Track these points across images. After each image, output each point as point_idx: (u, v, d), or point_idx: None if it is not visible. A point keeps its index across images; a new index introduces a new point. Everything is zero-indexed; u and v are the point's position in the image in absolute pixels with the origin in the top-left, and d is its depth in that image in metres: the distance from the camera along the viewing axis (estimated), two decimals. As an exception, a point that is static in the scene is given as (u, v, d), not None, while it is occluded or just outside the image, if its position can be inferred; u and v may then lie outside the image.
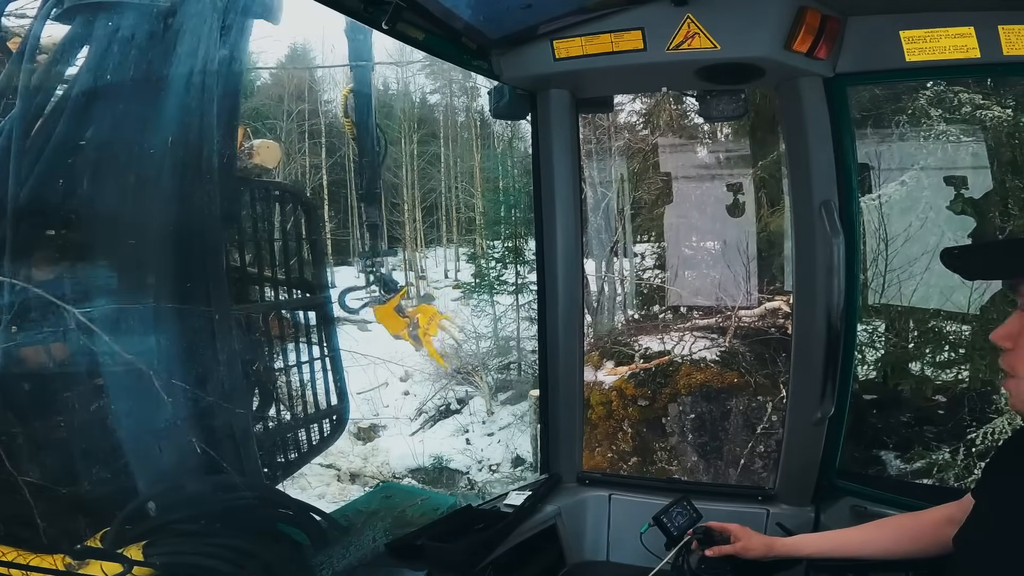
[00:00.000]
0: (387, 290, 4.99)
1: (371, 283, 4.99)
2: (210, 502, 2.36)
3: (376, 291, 5.00)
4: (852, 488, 2.12)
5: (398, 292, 5.09)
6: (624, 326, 8.68)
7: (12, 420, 2.54)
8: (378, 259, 5.04)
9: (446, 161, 16.45)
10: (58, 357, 2.62)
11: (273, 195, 4.23)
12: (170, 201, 2.67)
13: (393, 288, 5.06)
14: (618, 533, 2.25)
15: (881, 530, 1.50)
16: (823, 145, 1.94)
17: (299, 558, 2.35)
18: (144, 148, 2.63)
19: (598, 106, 2.67)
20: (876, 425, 5.66)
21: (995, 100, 5.50)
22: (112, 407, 2.60)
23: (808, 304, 2.01)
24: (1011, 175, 5.38)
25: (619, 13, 1.89)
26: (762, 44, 1.81)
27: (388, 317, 5.00)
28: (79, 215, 2.75)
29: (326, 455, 8.49)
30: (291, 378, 4.23)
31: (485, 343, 12.43)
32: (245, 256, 3.94)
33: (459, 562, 1.82)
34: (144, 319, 2.62)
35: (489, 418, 11.22)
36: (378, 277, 5.03)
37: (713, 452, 6.59)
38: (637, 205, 9.02)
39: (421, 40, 1.82)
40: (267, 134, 12.20)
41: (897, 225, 5.85)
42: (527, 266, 12.17)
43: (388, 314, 4.97)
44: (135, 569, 1.85)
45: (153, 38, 2.68)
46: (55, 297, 2.61)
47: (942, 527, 1.28)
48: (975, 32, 1.71)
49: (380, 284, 4.95)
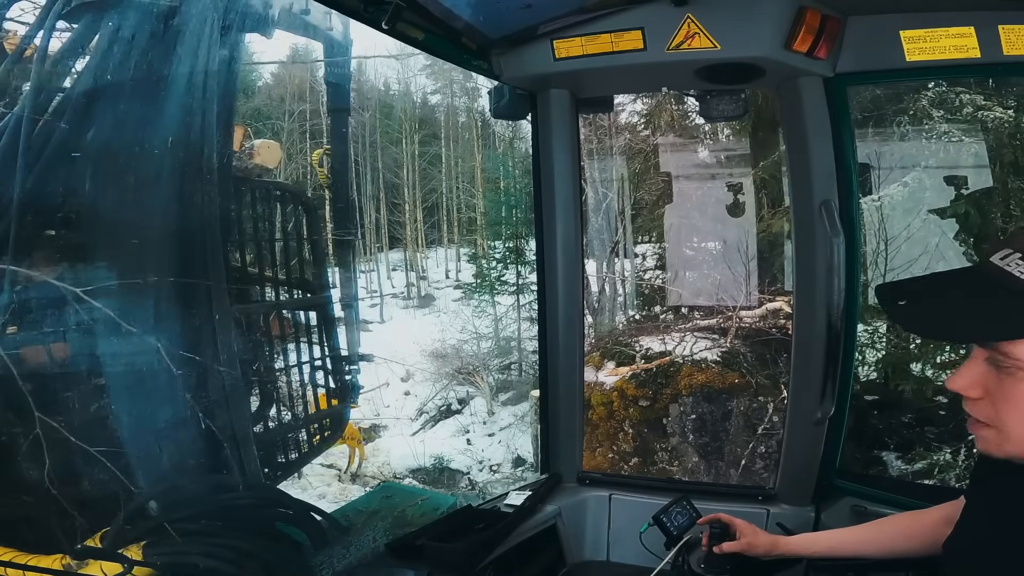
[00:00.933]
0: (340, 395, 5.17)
1: None
2: (210, 502, 2.37)
3: None
4: (852, 488, 2.12)
5: None
6: (625, 326, 8.68)
7: (12, 420, 2.54)
8: None
9: (447, 161, 16.45)
10: (58, 357, 2.62)
11: (274, 195, 4.24)
12: (170, 201, 2.67)
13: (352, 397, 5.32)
14: (618, 533, 2.25)
15: (880, 529, 1.50)
16: (823, 145, 1.94)
17: (299, 558, 2.35)
18: (145, 148, 2.64)
19: (598, 106, 2.66)
20: (876, 425, 5.66)
21: (996, 100, 5.49)
22: (112, 407, 2.60)
23: (808, 304, 2.00)
24: (1012, 175, 5.37)
25: (619, 13, 1.89)
26: (762, 44, 1.81)
27: None
28: (80, 215, 2.76)
29: (326, 455, 8.50)
30: (291, 378, 4.23)
31: (486, 343, 12.44)
32: (246, 256, 3.95)
33: (459, 562, 1.82)
34: (144, 319, 2.62)
35: (490, 418, 11.23)
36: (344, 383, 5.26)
37: (713, 452, 6.59)
38: (638, 205, 9.02)
39: (421, 40, 1.82)
40: (268, 134, 12.21)
41: (897, 225, 5.85)
42: (528, 266, 12.17)
43: None
44: (135, 569, 1.85)
45: (154, 38, 2.68)
46: (56, 296, 2.61)
47: (940, 527, 1.27)
48: (975, 32, 1.71)
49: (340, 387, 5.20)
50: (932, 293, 0.95)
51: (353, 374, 5.07)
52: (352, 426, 6.13)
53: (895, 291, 0.98)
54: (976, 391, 0.92)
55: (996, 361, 0.89)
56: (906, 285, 1.01)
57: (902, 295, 0.96)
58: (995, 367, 0.89)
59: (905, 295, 0.96)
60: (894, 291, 0.98)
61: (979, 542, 1.04)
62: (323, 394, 4.33)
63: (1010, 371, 0.87)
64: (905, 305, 0.95)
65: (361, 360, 5.54)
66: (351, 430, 6.10)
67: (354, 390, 4.35)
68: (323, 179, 5.56)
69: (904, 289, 0.99)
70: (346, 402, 4.48)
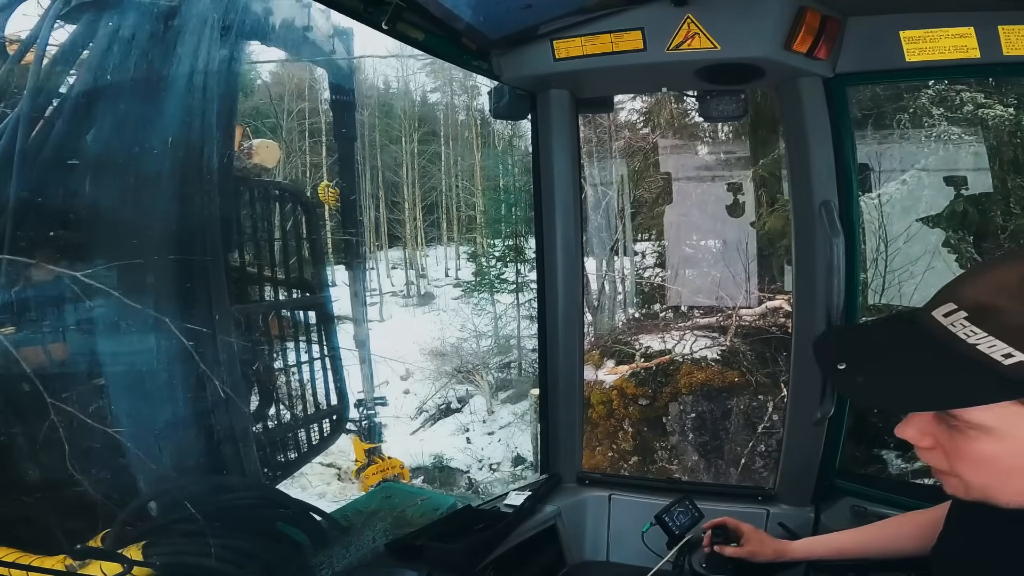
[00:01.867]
0: (371, 434, 6.16)
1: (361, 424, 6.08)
2: (210, 502, 2.36)
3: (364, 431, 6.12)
4: (852, 488, 2.12)
5: (378, 442, 6.29)
6: (624, 325, 8.69)
7: (12, 420, 2.54)
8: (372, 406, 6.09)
9: (446, 160, 16.45)
10: (58, 357, 2.62)
11: (273, 194, 4.24)
12: (170, 201, 2.67)
13: (377, 437, 6.26)
14: (618, 533, 2.25)
15: (883, 530, 1.50)
16: (823, 145, 1.94)
17: (299, 558, 2.35)
18: (144, 148, 2.63)
19: (598, 106, 2.66)
20: (876, 425, 5.66)
21: (996, 100, 5.49)
22: (112, 407, 2.60)
23: (808, 304, 2.00)
24: (1012, 174, 5.37)
25: (619, 13, 1.89)
26: (762, 44, 1.81)
27: (359, 449, 6.22)
28: (79, 214, 2.75)
29: (326, 454, 8.51)
30: (291, 378, 4.23)
31: (485, 342, 12.44)
32: (245, 256, 3.95)
33: (459, 562, 1.82)
34: (144, 319, 2.62)
35: (489, 417, 11.24)
36: (370, 424, 6.15)
37: (713, 452, 6.60)
38: (637, 204, 9.02)
39: (421, 40, 1.82)
40: (267, 133, 12.20)
41: (897, 225, 5.86)
42: (527, 265, 12.18)
43: (360, 448, 6.20)
44: (135, 569, 1.85)
45: (154, 38, 2.68)
46: (55, 296, 2.61)
47: (940, 525, 1.28)
48: (975, 32, 1.71)
49: (368, 427, 6.10)
50: (872, 356, 0.87)
51: (373, 416, 5.65)
52: (395, 459, 6.55)
53: (831, 347, 0.91)
54: (926, 441, 0.87)
55: (945, 420, 0.83)
56: (841, 342, 0.94)
57: (840, 354, 0.88)
58: (944, 424, 0.84)
59: (843, 355, 0.88)
60: (831, 348, 0.91)
61: (958, 554, 1.04)
62: (323, 393, 4.35)
63: (960, 429, 0.81)
64: (845, 371, 0.86)
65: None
66: (395, 461, 6.43)
67: (343, 396, 4.43)
68: (333, 203, 5.94)
69: (841, 347, 0.91)
70: (346, 401, 4.49)
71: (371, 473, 6.35)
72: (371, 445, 6.28)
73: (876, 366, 0.85)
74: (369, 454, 6.34)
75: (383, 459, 6.43)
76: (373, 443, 6.29)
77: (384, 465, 6.39)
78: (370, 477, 6.34)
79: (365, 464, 6.33)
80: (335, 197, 5.89)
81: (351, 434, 6.21)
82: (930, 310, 0.84)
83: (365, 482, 6.37)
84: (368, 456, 6.34)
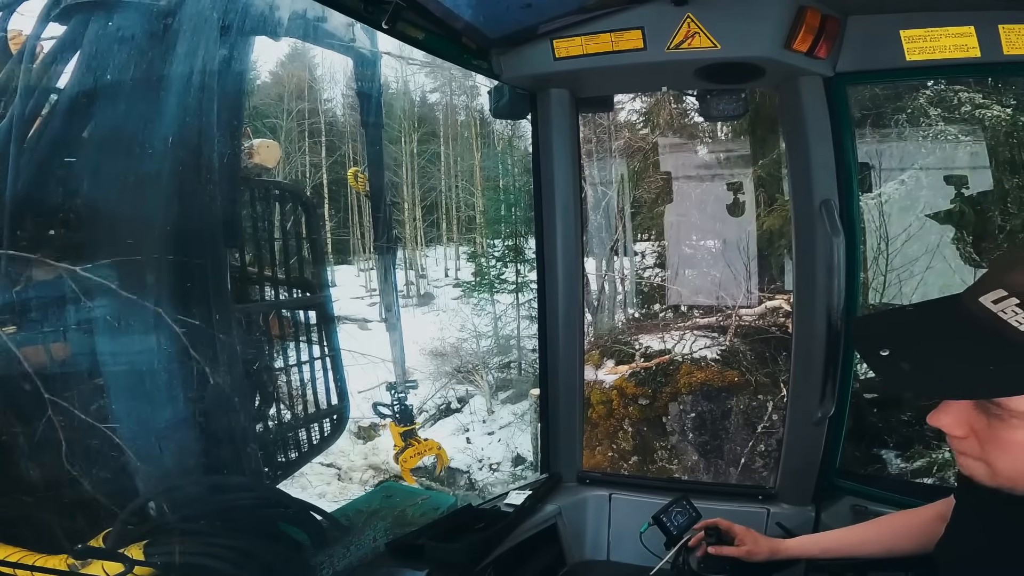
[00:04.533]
0: (404, 417, 6.24)
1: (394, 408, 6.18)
2: (211, 502, 2.36)
3: (396, 415, 6.21)
4: (852, 487, 2.12)
5: (412, 425, 6.39)
6: (624, 325, 8.69)
7: (12, 420, 2.54)
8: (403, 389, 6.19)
9: (446, 160, 16.44)
10: (58, 356, 2.62)
11: (273, 194, 4.23)
12: (170, 201, 2.67)
13: (409, 419, 6.34)
14: (618, 532, 2.26)
15: (877, 529, 1.51)
16: (823, 144, 1.94)
17: (300, 557, 2.35)
18: (144, 148, 2.63)
19: (598, 105, 2.66)
20: (876, 424, 5.67)
21: (995, 99, 5.50)
22: (113, 406, 2.60)
23: (808, 303, 2.01)
24: (1010, 174, 5.38)
25: (619, 13, 1.89)
26: (762, 44, 1.81)
27: (395, 433, 6.28)
28: (78, 214, 2.75)
29: (326, 454, 8.51)
30: (291, 377, 4.23)
31: (485, 342, 12.44)
32: (245, 255, 3.95)
33: (459, 562, 1.82)
34: (144, 318, 2.62)
35: (489, 417, 11.24)
36: (403, 407, 6.22)
37: (713, 451, 6.60)
38: (637, 204, 9.02)
39: (421, 40, 1.82)
40: (267, 133, 12.21)
41: (897, 224, 5.86)
42: (527, 265, 12.17)
43: (396, 432, 6.26)
44: (136, 569, 1.85)
45: (153, 38, 2.68)
46: (54, 296, 2.61)
47: (933, 524, 1.27)
48: (975, 31, 1.71)
49: (401, 411, 6.21)
50: (916, 342, 0.85)
51: (405, 399, 6.01)
52: (432, 440, 6.70)
53: (873, 332, 0.89)
54: (961, 430, 0.85)
55: (985, 407, 0.82)
56: (883, 327, 0.91)
57: (881, 339, 0.85)
58: (983, 412, 0.83)
59: (885, 340, 0.85)
60: (872, 332, 0.89)
61: (970, 546, 1.04)
62: (323, 392, 4.36)
63: (1001, 417, 0.81)
64: (889, 357, 0.83)
65: (361, 359, 5.99)
66: (431, 443, 6.55)
67: (344, 396, 4.43)
68: (363, 189, 6.02)
69: (882, 331, 0.89)
70: (346, 401, 4.49)
71: (409, 456, 6.34)
72: (406, 428, 6.28)
73: (922, 353, 0.83)
74: (406, 437, 6.31)
75: (419, 441, 6.46)
76: (408, 426, 6.31)
77: (422, 447, 6.43)
78: (409, 460, 6.35)
79: (403, 448, 6.31)
80: (364, 183, 5.95)
81: (387, 419, 6.31)
82: (976, 296, 0.82)
83: (404, 465, 6.39)
84: (405, 439, 6.31)
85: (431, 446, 6.51)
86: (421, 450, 6.37)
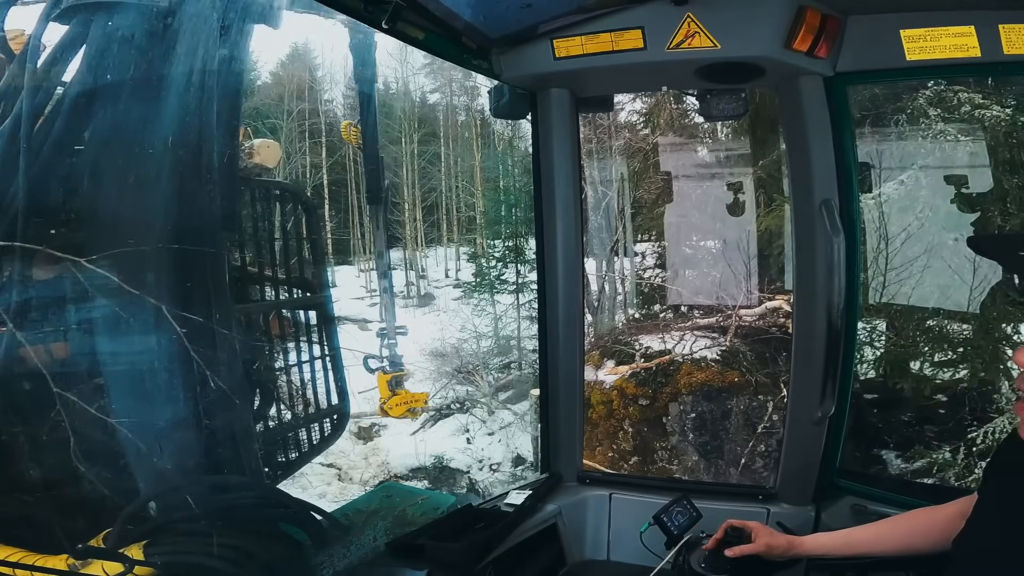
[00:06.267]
0: (392, 365, 6.55)
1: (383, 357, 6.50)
2: (211, 502, 2.36)
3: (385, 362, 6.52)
4: (853, 487, 2.12)
5: (399, 372, 6.66)
6: (624, 325, 8.68)
7: (13, 420, 2.54)
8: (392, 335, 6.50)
9: (446, 160, 16.44)
10: (59, 356, 2.62)
11: (273, 194, 4.24)
12: (170, 201, 2.67)
13: (398, 367, 6.61)
14: (618, 532, 2.26)
15: (896, 525, 1.50)
16: (823, 144, 1.95)
17: (300, 557, 2.35)
18: (144, 148, 2.63)
19: (598, 105, 2.66)
20: (877, 424, 5.66)
21: (995, 99, 5.49)
22: (113, 407, 2.60)
23: (809, 303, 2.01)
24: (1009, 174, 5.37)
25: (619, 12, 1.89)
26: (762, 43, 1.81)
27: (382, 382, 6.57)
28: (79, 214, 2.75)
29: (326, 454, 8.51)
30: (291, 377, 4.23)
31: (486, 342, 12.43)
32: (245, 256, 3.95)
33: (459, 561, 1.82)
34: (144, 318, 2.62)
35: (490, 417, 11.22)
36: (392, 354, 6.52)
37: (714, 451, 6.60)
38: (637, 204, 9.02)
39: (421, 40, 1.83)
40: (267, 133, 12.21)
41: (897, 224, 5.86)
42: (527, 265, 12.17)
43: (383, 381, 6.55)
44: (136, 569, 1.85)
45: (153, 38, 2.68)
46: (54, 296, 2.61)
47: (954, 522, 1.27)
48: (975, 31, 1.71)
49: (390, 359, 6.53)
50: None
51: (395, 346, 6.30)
52: (422, 393, 6.95)
53: (1006, 239, 1.03)
54: None
55: None
56: (1003, 239, 1.05)
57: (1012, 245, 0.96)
58: None
59: None
60: (1004, 240, 1.02)
61: (992, 538, 1.04)
62: (323, 392, 4.37)
63: None
64: None
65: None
66: (418, 395, 6.76)
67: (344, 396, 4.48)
68: (355, 141, 6.31)
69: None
70: (346, 401, 4.49)
71: (395, 404, 6.58)
72: (393, 375, 6.57)
73: None
74: (392, 385, 6.56)
75: (406, 391, 6.62)
76: (396, 372, 6.61)
77: (407, 396, 6.62)
78: (394, 408, 6.58)
79: (389, 396, 6.56)
80: (357, 136, 6.11)
81: (376, 371, 6.57)
82: None
83: (390, 413, 6.65)
84: (392, 388, 6.56)
85: (417, 398, 6.71)
86: (407, 399, 6.56)
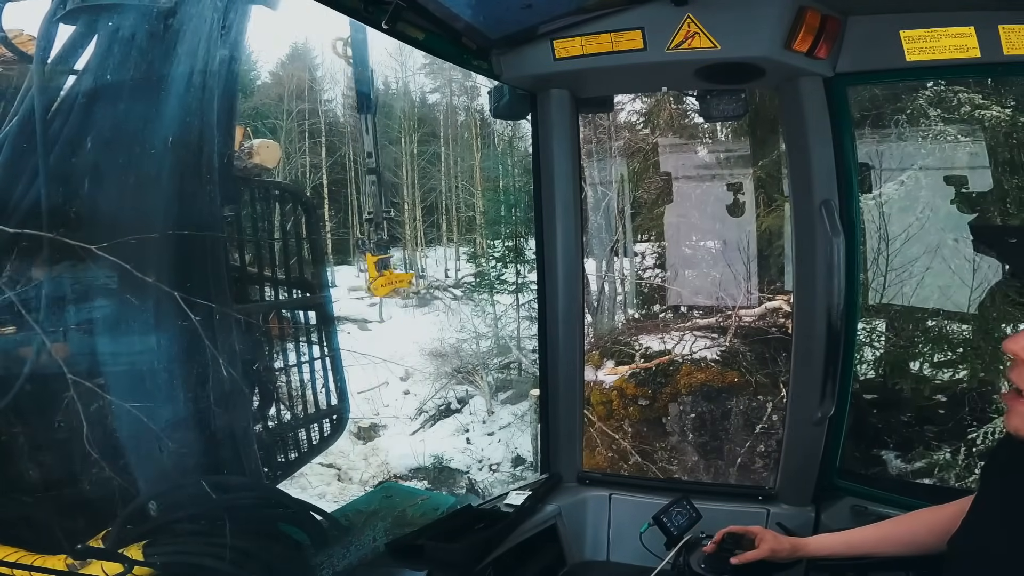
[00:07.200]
0: (379, 248, 6.87)
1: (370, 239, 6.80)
2: (211, 502, 2.36)
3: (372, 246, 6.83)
4: (853, 488, 2.12)
5: (386, 254, 6.97)
6: (624, 325, 8.68)
7: (13, 420, 2.54)
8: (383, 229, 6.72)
9: (446, 160, 16.45)
10: (59, 356, 2.62)
11: (273, 194, 4.24)
12: (170, 200, 2.67)
13: (384, 250, 6.95)
14: (618, 533, 2.25)
15: (900, 525, 1.50)
16: (823, 145, 1.95)
17: (299, 558, 2.35)
18: (144, 148, 2.63)
19: (598, 106, 2.66)
20: (877, 425, 5.67)
21: (995, 100, 5.49)
22: (113, 407, 2.60)
23: (808, 304, 2.01)
24: (1009, 174, 5.38)
25: (619, 13, 1.89)
26: (762, 44, 1.81)
27: (370, 263, 6.86)
28: (80, 214, 2.75)
29: (326, 454, 8.52)
30: (291, 378, 4.23)
31: (485, 342, 12.43)
32: (245, 256, 3.95)
33: (459, 562, 1.82)
34: (144, 318, 2.62)
35: (489, 417, 11.23)
36: (378, 239, 6.82)
37: (713, 452, 6.60)
38: (637, 205, 9.02)
39: (421, 40, 1.82)
40: (267, 134, 12.22)
41: (897, 225, 5.86)
42: (527, 265, 12.17)
43: (371, 261, 6.84)
44: (135, 569, 1.85)
45: (154, 38, 2.68)
46: (55, 296, 2.61)
47: (955, 522, 1.27)
48: (975, 32, 1.71)
49: (376, 242, 6.81)
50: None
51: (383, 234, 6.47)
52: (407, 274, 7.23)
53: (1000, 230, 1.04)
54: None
55: None
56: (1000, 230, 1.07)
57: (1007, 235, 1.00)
58: None
59: None
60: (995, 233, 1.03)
61: (989, 536, 1.04)
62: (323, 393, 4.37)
63: None
64: (1017, 244, 0.99)
65: (361, 359, 6.21)
66: (402, 276, 7.02)
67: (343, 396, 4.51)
68: None
69: None
70: (346, 401, 4.49)
71: (380, 284, 6.99)
72: (380, 257, 6.93)
73: None
74: (380, 267, 6.90)
75: (392, 271, 6.89)
76: (382, 255, 6.97)
77: (392, 277, 6.87)
78: (380, 288, 7.06)
79: (376, 276, 6.95)
80: None
81: (364, 251, 7.01)
82: None
83: (376, 292, 7.01)
84: (379, 269, 6.91)
85: (401, 278, 6.96)
86: (392, 279, 6.76)
